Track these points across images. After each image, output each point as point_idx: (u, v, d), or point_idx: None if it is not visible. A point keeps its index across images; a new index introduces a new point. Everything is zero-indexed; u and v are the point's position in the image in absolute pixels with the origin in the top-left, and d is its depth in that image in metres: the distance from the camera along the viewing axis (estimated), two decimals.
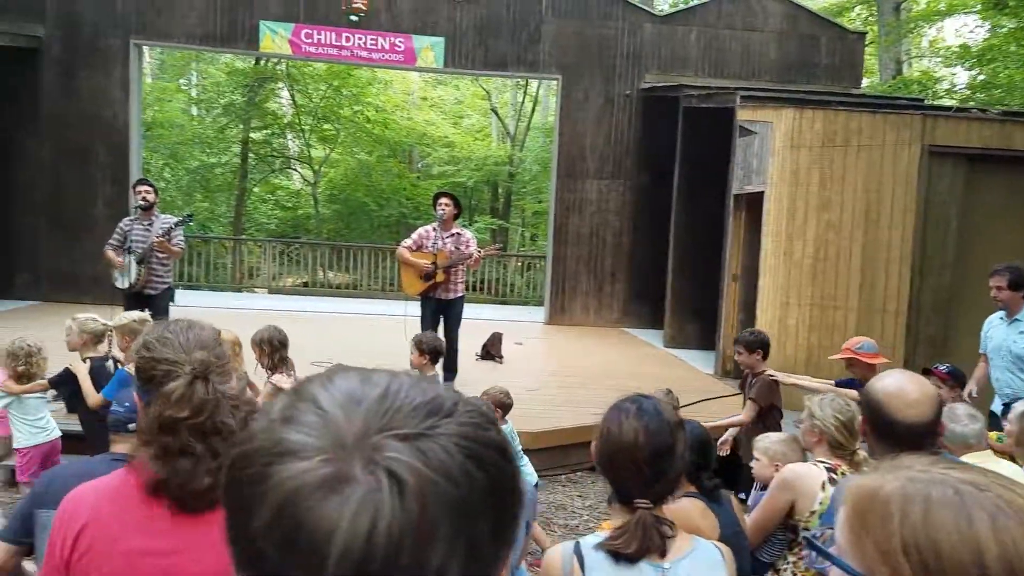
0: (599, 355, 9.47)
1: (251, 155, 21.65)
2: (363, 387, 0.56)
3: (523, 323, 11.52)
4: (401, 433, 0.52)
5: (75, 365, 4.31)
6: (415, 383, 0.57)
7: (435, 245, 6.80)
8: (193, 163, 20.86)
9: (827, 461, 2.61)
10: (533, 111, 23.25)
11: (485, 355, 8.63)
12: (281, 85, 21.59)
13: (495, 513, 0.53)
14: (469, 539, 0.51)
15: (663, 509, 1.67)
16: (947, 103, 13.48)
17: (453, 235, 6.85)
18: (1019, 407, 2.97)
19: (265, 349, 4.25)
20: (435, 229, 6.88)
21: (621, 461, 1.64)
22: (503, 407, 4.14)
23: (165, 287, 6.79)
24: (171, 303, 7.01)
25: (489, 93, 24.01)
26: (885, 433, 1.96)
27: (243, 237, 19.65)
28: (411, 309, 7.00)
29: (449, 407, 0.55)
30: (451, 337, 6.91)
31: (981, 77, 15.09)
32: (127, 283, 6.59)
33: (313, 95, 20.93)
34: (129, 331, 4.14)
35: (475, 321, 8.59)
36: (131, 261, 6.57)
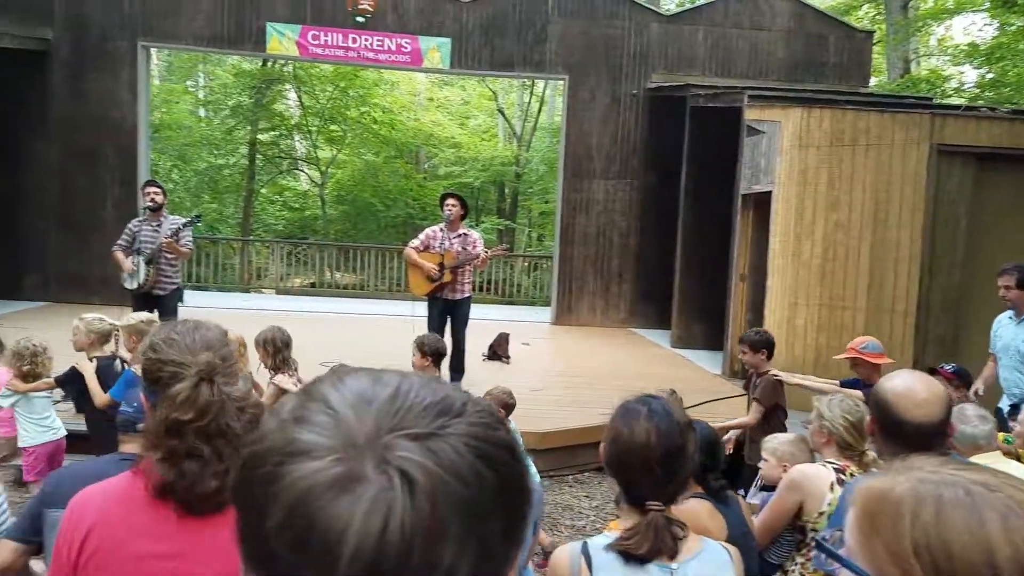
0: (606, 355, 9.45)
1: (258, 156, 21.72)
2: (373, 387, 0.56)
3: (530, 323, 11.51)
4: (412, 433, 0.52)
5: (81, 364, 4.33)
6: (425, 383, 0.57)
7: (442, 246, 6.81)
8: (201, 164, 20.93)
9: (836, 462, 2.61)
10: (539, 111, 23.24)
11: (492, 355, 8.63)
12: (288, 86, 21.67)
13: (505, 512, 0.53)
14: (479, 538, 0.51)
15: (671, 510, 1.67)
16: (956, 102, 13.40)
17: (460, 236, 6.86)
18: None
19: (268, 350, 4.25)
20: (442, 230, 6.89)
21: (632, 462, 1.64)
22: (506, 407, 4.14)
23: (174, 288, 6.82)
24: (180, 304, 7.04)
25: (495, 93, 24.02)
26: (893, 433, 1.95)
27: (251, 238, 19.71)
28: (418, 309, 7.00)
29: (459, 407, 0.56)
30: (458, 338, 6.92)
31: (990, 75, 15.00)
32: (136, 284, 6.62)
33: (320, 96, 20.98)
34: (136, 331, 4.16)
35: (482, 321, 8.59)
36: (140, 262, 6.60)
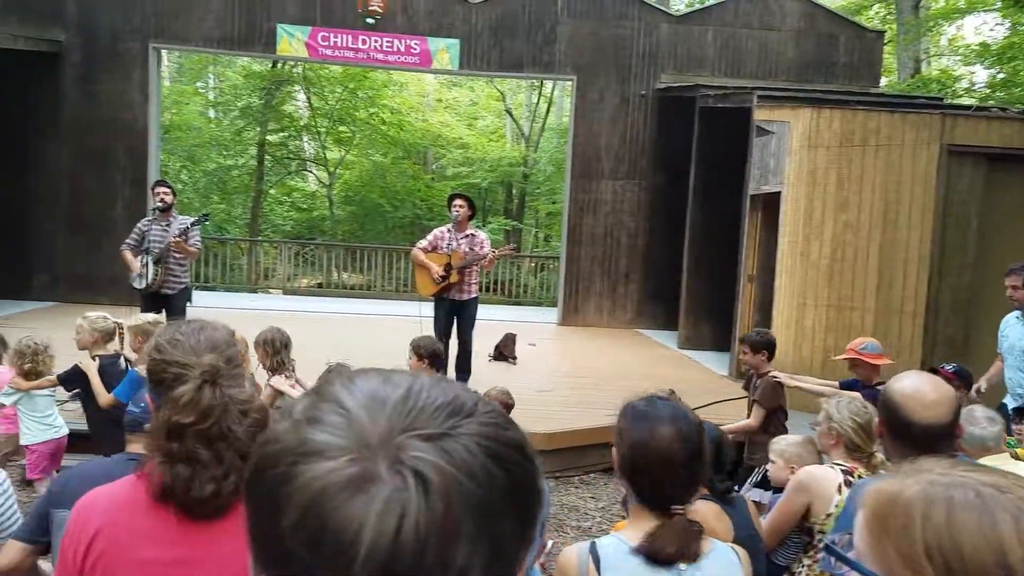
0: (612, 356, 9.44)
1: (267, 157, 21.82)
2: (385, 387, 0.56)
3: (536, 324, 11.51)
4: (425, 433, 0.52)
5: (84, 363, 4.34)
6: (436, 383, 0.58)
7: (450, 246, 6.82)
8: (210, 165, 21.04)
9: (844, 464, 2.59)
10: (548, 112, 23.24)
11: (498, 356, 8.63)
12: (297, 88, 21.74)
13: (516, 512, 0.54)
14: (491, 538, 0.51)
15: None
16: (966, 102, 13.32)
17: (467, 236, 6.86)
18: None
19: (268, 351, 4.20)
20: (449, 230, 6.90)
21: (654, 466, 1.63)
22: (505, 407, 4.13)
23: (182, 287, 6.84)
24: (188, 303, 7.07)
25: (504, 94, 24.03)
26: (901, 435, 1.93)
27: (259, 238, 19.78)
28: (425, 310, 7.01)
29: (470, 407, 0.56)
30: (465, 338, 6.92)
31: (1001, 75, 14.91)
32: (144, 283, 6.65)
33: (329, 97, 21.05)
34: (142, 332, 4.18)
35: (488, 322, 8.59)
36: (148, 261, 6.63)
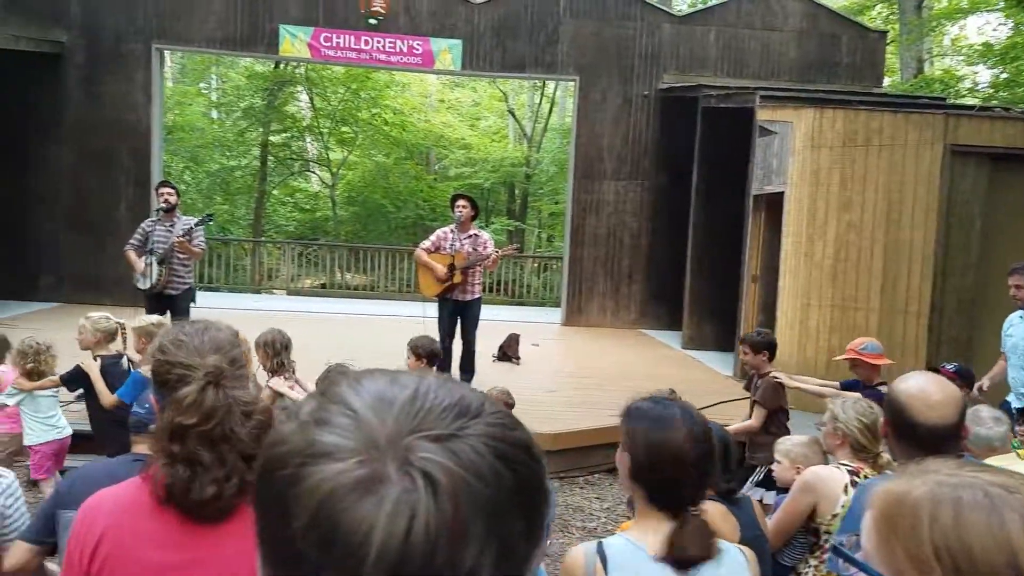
0: (616, 356, 9.43)
1: (270, 158, 21.83)
2: (392, 388, 0.56)
3: (540, 324, 11.50)
4: (433, 434, 0.52)
5: (86, 363, 4.34)
6: (442, 384, 0.58)
7: (453, 247, 6.82)
8: (213, 166, 21.06)
9: (849, 464, 2.59)
10: (550, 112, 23.23)
11: (502, 356, 8.63)
12: (300, 88, 21.76)
13: (524, 512, 0.54)
14: (500, 538, 0.51)
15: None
16: (970, 102, 13.30)
17: (470, 236, 6.86)
18: None
19: (268, 352, 4.19)
20: (452, 231, 6.89)
21: (668, 466, 1.62)
22: (506, 407, 4.12)
23: (186, 288, 6.85)
24: (192, 304, 7.07)
25: (506, 95, 24.04)
26: (906, 435, 1.93)
27: (262, 239, 19.81)
28: (430, 310, 7.01)
29: (477, 408, 0.56)
30: (468, 339, 6.92)
31: (1004, 75, 14.88)
32: (148, 284, 6.66)
33: (331, 98, 21.06)
34: (145, 333, 4.17)
35: (492, 322, 8.58)
36: (152, 262, 6.63)
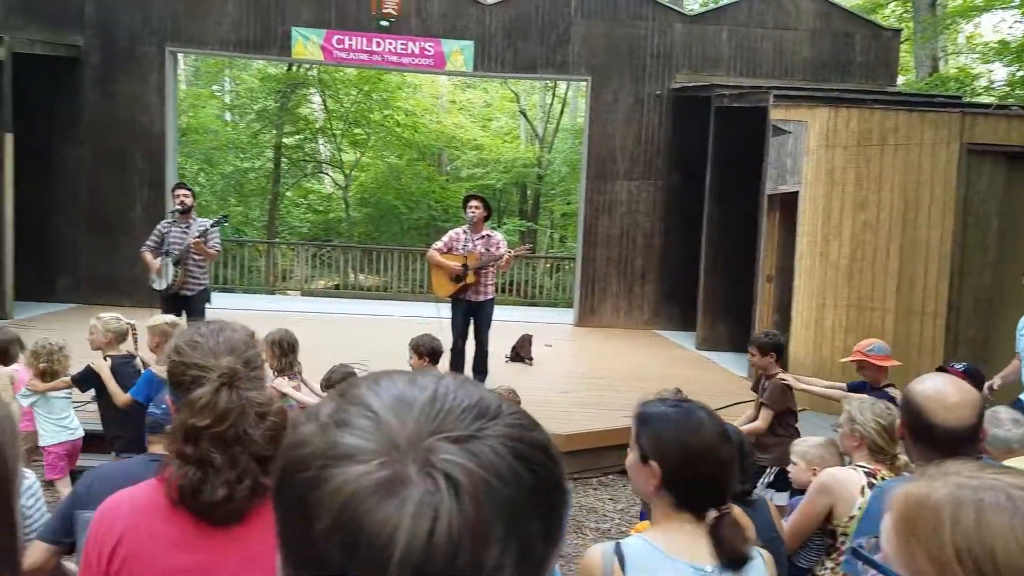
0: (629, 357, 9.41)
1: (284, 160, 21.94)
2: (411, 390, 0.57)
3: (552, 325, 11.49)
4: (453, 435, 0.53)
5: (97, 363, 4.37)
6: (460, 385, 0.58)
7: (465, 247, 6.82)
8: (227, 168, 21.20)
9: (866, 465, 2.57)
10: (562, 113, 23.22)
11: (515, 357, 8.63)
12: (313, 90, 21.86)
13: (543, 512, 0.54)
14: (520, 539, 0.51)
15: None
16: (986, 100, 13.17)
17: (483, 237, 6.87)
18: None
19: (276, 351, 4.22)
20: (465, 232, 6.90)
21: (700, 467, 1.61)
22: None
23: (201, 288, 6.89)
24: (207, 305, 7.12)
25: (518, 95, 24.04)
26: (923, 437, 1.91)
27: (276, 240, 19.91)
28: (443, 311, 7.02)
29: (495, 409, 0.56)
30: (481, 339, 6.93)
31: (1021, 73, 14.73)
32: (164, 285, 6.70)
33: (344, 100, 21.14)
34: (160, 332, 4.20)
35: (504, 323, 8.59)
36: (168, 263, 6.68)
